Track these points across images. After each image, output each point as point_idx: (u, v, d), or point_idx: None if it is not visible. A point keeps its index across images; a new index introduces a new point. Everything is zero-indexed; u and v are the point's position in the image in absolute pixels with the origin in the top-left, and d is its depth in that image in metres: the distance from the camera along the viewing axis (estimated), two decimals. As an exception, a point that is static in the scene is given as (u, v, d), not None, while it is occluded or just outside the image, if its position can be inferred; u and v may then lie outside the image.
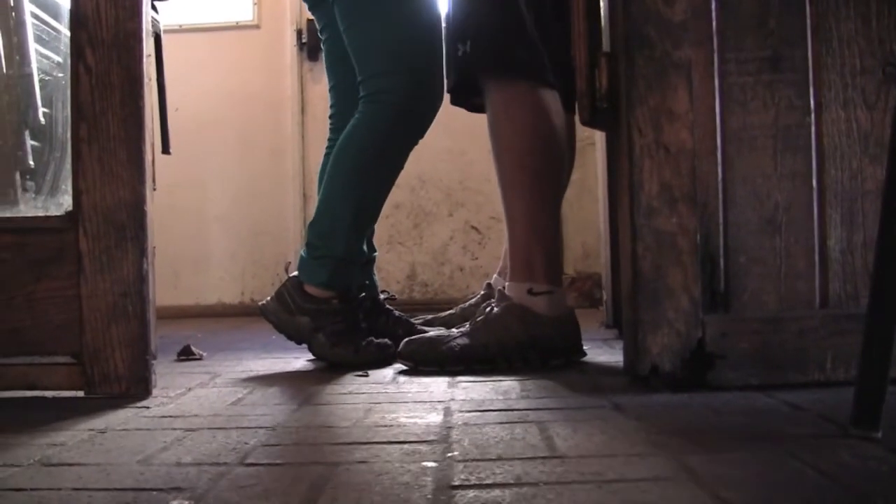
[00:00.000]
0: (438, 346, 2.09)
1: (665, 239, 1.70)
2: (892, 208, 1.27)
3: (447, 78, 2.28)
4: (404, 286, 4.19)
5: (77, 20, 1.85)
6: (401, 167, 2.30)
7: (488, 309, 2.17)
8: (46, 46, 2.18)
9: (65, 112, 1.90)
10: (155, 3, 3.06)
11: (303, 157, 4.20)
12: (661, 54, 1.70)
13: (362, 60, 2.24)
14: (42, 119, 2.08)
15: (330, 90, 2.51)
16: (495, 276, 2.59)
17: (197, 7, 4.24)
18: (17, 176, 2.04)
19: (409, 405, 1.65)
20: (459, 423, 1.46)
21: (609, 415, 1.50)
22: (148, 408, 1.70)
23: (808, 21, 1.72)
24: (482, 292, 2.59)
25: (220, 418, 1.57)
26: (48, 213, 1.90)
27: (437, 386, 1.86)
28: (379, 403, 1.67)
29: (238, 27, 4.23)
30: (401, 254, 4.17)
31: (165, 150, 3.16)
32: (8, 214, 1.96)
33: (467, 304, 2.60)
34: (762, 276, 1.71)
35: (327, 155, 2.47)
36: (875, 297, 1.29)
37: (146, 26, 1.86)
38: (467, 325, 2.16)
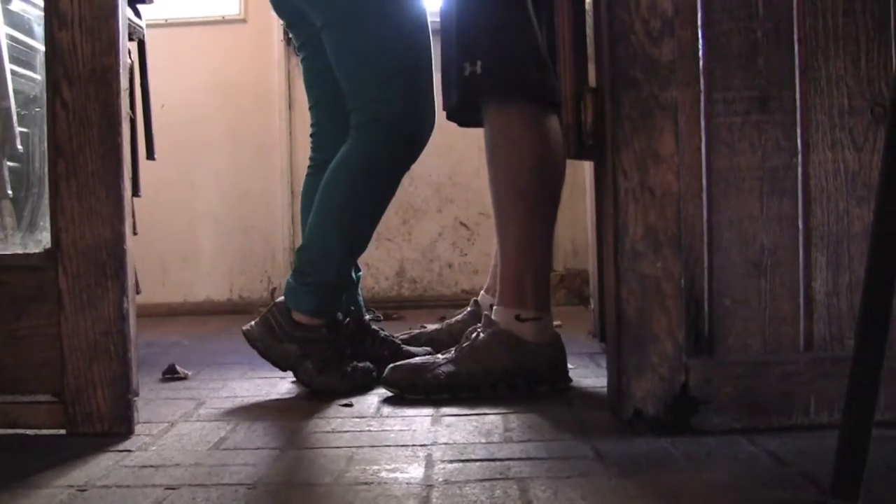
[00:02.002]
0: (424, 374, 2.08)
1: (650, 283, 1.69)
2: (879, 251, 1.25)
3: (446, 95, 2.24)
4: (393, 283, 4.18)
5: (53, 54, 1.82)
6: (393, 193, 2.27)
7: (474, 335, 2.16)
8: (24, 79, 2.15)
9: (42, 146, 1.87)
10: (137, 6, 3.02)
11: (290, 153, 4.17)
12: (647, 95, 1.68)
13: (353, 89, 2.21)
14: (20, 147, 2.05)
15: (310, 108, 2.47)
16: (482, 293, 2.58)
17: (182, 1, 4.18)
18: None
19: (390, 451, 1.64)
20: (440, 479, 1.45)
21: (591, 468, 1.49)
22: (130, 451, 1.69)
23: (797, 60, 1.69)
24: (469, 308, 2.58)
25: (201, 469, 1.55)
26: (27, 251, 1.88)
27: (420, 423, 1.85)
28: (361, 448, 1.66)
29: (224, 21, 4.17)
30: (389, 250, 4.15)
31: (150, 155, 3.14)
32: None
33: (454, 319, 2.59)
34: (747, 320, 1.70)
35: (310, 175, 2.44)
36: (859, 348, 1.27)
37: (124, 60, 1.83)
38: (453, 350, 2.14)
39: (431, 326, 3.27)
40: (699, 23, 1.68)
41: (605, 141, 1.75)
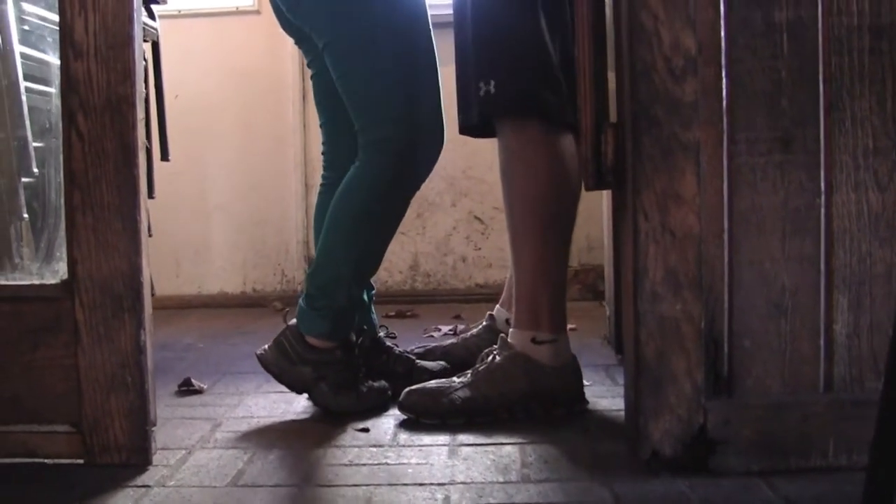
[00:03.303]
0: (440, 399, 2.08)
1: (669, 325, 1.68)
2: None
3: (461, 112, 2.22)
4: (407, 276, 4.18)
5: (68, 85, 1.80)
6: (402, 214, 2.26)
7: (490, 357, 2.15)
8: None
9: (58, 178, 1.86)
10: (152, 6, 3.00)
11: (304, 146, 4.15)
12: (668, 135, 1.66)
13: (358, 109, 2.18)
14: (35, 170, 2.04)
15: (321, 126, 2.45)
16: (497, 307, 2.57)
17: (196, -9, 4.16)
18: (13, 237, 2.02)
19: (408, 491, 1.64)
20: (459, 530, 1.45)
21: (609, 516, 1.50)
22: (149, 487, 1.69)
23: (822, 99, 1.67)
24: (484, 322, 2.57)
25: (219, 513, 1.56)
26: (44, 282, 1.88)
27: (437, 455, 1.85)
28: (379, 487, 1.66)
29: (238, 12, 4.14)
30: (403, 244, 4.14)
31: (164, 156, 3.13)
32: (3, 282, 1.94)
33: (469, 333, 2.58)
34: (766, 361, 1.69)
35: (322, 193, 2.43)
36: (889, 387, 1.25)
37: (139, 89, 1.82)
38: (469, 373, 2.14)
39: (445, 328, 3.30)
40: (723, 61, 1.66)
41: (625, 177, 1.73)
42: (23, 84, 2.05)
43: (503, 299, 2.56)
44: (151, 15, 3.02)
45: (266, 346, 2.24)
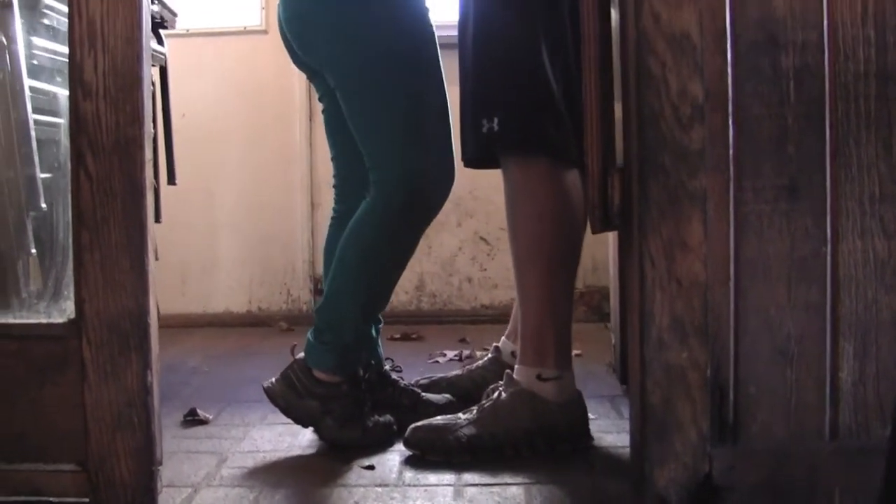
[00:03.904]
0: (446, 436, 2.08)
1: (675, 372, 1.68)
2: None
3: (465, 147, 2.22)
4: (412, 297, 4.18)
5: (77, 125, 1.80)
6: (413, 251, 2.27)
7: (496, 394, 2.15)
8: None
9: (66, 216, 1.87)
10: (160, 31, 3.01)
11: (311, 165, 4.15)
12: (675, 183, 1.66)
13: (368, 147, 2.19)
14: (43, 205, 2.05)
15: (332, 159, 2.46)
16: (503, 338, 2.57)
17: (204, 12, 4.15)
18: (20, 272, 2.02)
19: (413, 537, 1.65)
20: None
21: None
22: (153, 529, 1.70)
23: (828, 146, 1.67)
24: (490, 355, 2.57)
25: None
26: (51, 320, 1.88)
27: (442, 496, 1.86)
28: (384, 532, 1.67)
29: (246, 32, 4.14)
30: (409, 264, 4.11)
31: (171, 180, 3.14)
32: (12, 320, 1.95)
33: (474, 366, 2.58)
34: (772, 408, 1.69)
35: (332, 225, 2.43)
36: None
37: (148, 130, 1.82)
38: (474, 409, 2.14)
39: (451, 353, 3.31)
40: (730, 108, 1.66)
41: (631, 222, 1.73)
42: (32, 121, 2.06)
43: (509, 331, 2.56)
44: (160, 40, 3.02)
45: (273, 379, 2.24)
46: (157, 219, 2.83)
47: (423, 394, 2.41)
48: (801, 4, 1.66)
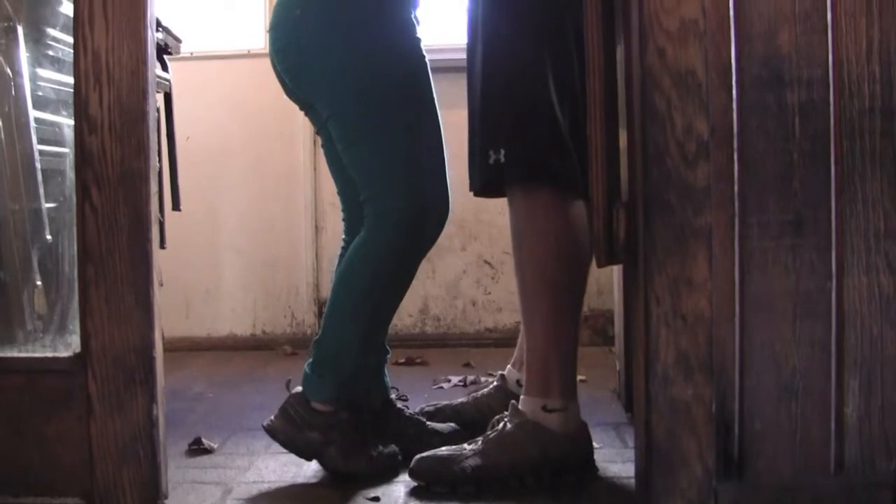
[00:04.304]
0: (451, 466, 2.08)
1: (680, 408, 1.68)
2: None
3: (473, 177, 2.22)
4: (416, 320, 4.18)
5: (82, 158, 1.82)
6: (409, 282, 2.27)
7: (501, 425, 2.15)
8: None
9: (72, 249, 1.88)
10: (164, 57, 3.02)
11: (315, 188, 4.16)
12: (681, 220, 1.66)
13: (363, 180, 2.20)
14: (49, 237, 2.06)
15: (338, 193, 2.46)
16: (509, 367, 2.57)
17: (208, 35, 4.17)
18: (25, 304, 2.03)
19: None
20: None
21: None
22: (158, 564, 1.70)
23: (833, 182, 1.67)
24: (495, 383, 2.57)
25: None
26: (57, 354, 1.89)
27: (447, 530, 1.86)
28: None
29: (250, 55, 4.15)
30: (413, 287, 4.05)
31: (176, 206, 3.14)
32: (18, 354, 1.96)
33: (480, 394, 2.58)
34: (777, 443, 1.69)
35: (340, 256, 2.43)
36: None
37: (153, 163, 1.83)
38: (480, 440, 2.14)
39: (455, 378, 3.30)
40: (735, 145, 1.66)
41: (636, 258, 1.74)
42: (37, 153, 2.07)
43: (514, 359, 2.56)
44: (164, 66, 3.04)
45: (272, 417, 2.23)
46: (162, 245, 2.83)
47: (429, 423, 2.41)
48: (807, 41, 1.67)
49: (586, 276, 2.22)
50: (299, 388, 2.23)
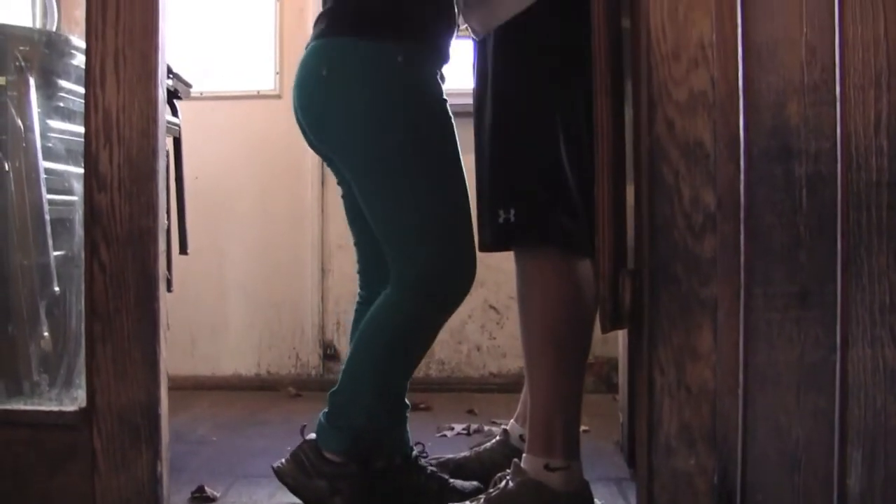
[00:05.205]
0: (452, 524, 2.08)
1: (682, 478, 1.68)
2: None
3: (482, 234, 2.23)
4: (421, 364, 4.15)
5: (91, 216, 1.83)
6: (430, 343, 2.28)
7: (503, 483, 2.15)
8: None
9: (79, 305, 1.89)
10: (174, 101, 3.04)
11: (322, 230, 4.16)
12: (686, 291, 1.67)
13: (386, 240, 2.20)
14: (56, 288, 2.07)
15: (354, 244, 2.46)
16: (512, 421, 2.57)
17: (219, 76, 4.21)
18: (33, 363, 2.04)
19: None
20: None
21: None
22: None
23: (840, 254, 1.67)
24: (498, 437, 2.57)
25: None
26: (63, 408, 1.89)
27: (448, 592, 1.85)
28: None
29: (259, 97, 4.18)
30: (418, 330, 4.14)
31: (183, 250, 3.16)
32: (23, 407, 1.97)
33: (483, 447, 2.58)
34: (780, 515, 1.68)
35: (357, 310, 2.44)
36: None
37: (162, 222, 1.84)
38: (482, 498, 2.14)
39: (459, 426, 3.30)
40: (741, 216, 1.67)
41: (641, 328, 1.74)
42: (47, 204, 2.08)
43: (518, 414, 2.56)
44: (174, 111, 3.06)
45: (283, 460, 2.25)
46: (169, 289, 2.84)
47: (451, 480, 2.37)
48: (815, 112, 1.68)
49: (591, 336, 2.22)
50: (313, 435, 2.24)
